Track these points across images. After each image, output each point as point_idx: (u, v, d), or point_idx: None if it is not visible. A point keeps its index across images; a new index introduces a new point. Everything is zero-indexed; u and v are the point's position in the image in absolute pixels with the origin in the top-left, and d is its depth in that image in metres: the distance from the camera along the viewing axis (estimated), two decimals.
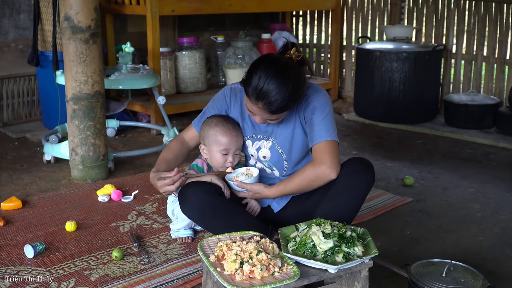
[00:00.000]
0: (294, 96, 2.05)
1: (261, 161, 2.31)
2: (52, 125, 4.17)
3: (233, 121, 2.31)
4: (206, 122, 2.33)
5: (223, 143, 2.26)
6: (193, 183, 2.17)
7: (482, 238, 2.63)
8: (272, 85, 1.98)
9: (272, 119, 2.11)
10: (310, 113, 2.16)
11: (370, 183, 2.13)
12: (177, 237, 2.52)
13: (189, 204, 2.12)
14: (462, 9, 4.89)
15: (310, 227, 1.85)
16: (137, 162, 3.67)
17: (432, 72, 4.76)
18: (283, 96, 2.00)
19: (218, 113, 2.32)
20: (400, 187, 3.27)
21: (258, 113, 2.08)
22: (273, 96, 1.99)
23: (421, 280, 1.95)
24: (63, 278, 2.18)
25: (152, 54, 4.35)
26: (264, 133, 2.28)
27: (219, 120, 2.29)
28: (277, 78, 1.99)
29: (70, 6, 3.07)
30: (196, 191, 2.11)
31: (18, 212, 2.81)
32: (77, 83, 3.15)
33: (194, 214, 2.16)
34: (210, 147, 2.30)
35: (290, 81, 2.01)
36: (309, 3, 5.50)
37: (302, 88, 2.08)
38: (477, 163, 3.77)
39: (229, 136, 2.26)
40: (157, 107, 4.31)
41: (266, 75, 1.99)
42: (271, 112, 2.05)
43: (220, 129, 2.27)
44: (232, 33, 5.63)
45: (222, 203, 2.13)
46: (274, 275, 1.69)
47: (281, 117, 2.14)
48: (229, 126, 2.28)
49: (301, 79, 2.07)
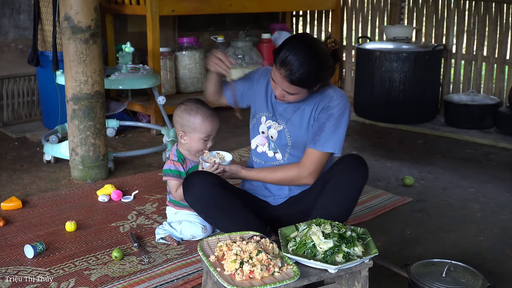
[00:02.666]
0: (316, 75, 2.10)
1: (269, 139, 2.35)
2: (52, 125, 4.16)
3: (207, 105, 2.42)
4: (184, 109, 2.39)
5: (206, 131, 2.34)
6: (199, 173, 2.22)
7: (482, 238, 2.63)
8: (299, 56, 2.05)
9: (290, 93, 2.14)
10: (325, 116, 2.21)
11: (364, 178, 2.17)
12: (166, 235, 2.48)
13: (193, 193, 2.18)
14: (462, 9, 4.89)
15: (310, 227, 1.85)
16: (137, 162, 3.67)
17: (432, 72, 4.76)
18: (306, 69, 2.06)
19: (244, 80, 2.42)
20: (400, 187, 3.27)
21: (279, 82, 2.12)
22: (296, 66, 2.05)
23: (421, 280, 1.95)
24: (63, 278, 2.18)
25: (152, 54, 4.35)
26: (280, 116, 2.31)
27: (197, 107, 2.36)
28: (305, 51, 2.07)
29: (70, 6, 3.07)
30: (200, 181, 2.16)
31: (18, 212, 2.81)
32: (77, 83, 3.15)
33: (197, 203, 2.22)
34: (191, 135, 2.36)
35: (316, 59, 2.08)
36: (309, 3, 5.49)
37: (326, 72, 2.14)
38: (477, 163, 3.77)
39: (211, 123, 2.34)
40: (157, 107, 4.31)
41: (296, 46, 2.08)
42: (291, 82, 2.08)
43: (201, 117, 2.34)
44: (232, 33, 5.62)
45: (225, 197, 2.18)
46: (274, 275, 1.69)
47: (298, 98, 2.18)
48: (209, 112, 2.36)
49: (328, 63, 2.13)
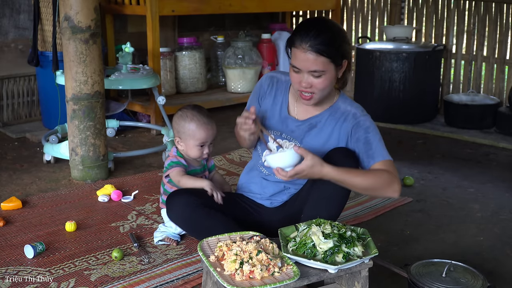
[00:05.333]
0: (340, 43, 2.01)
1: None
2: (52, 125, 4.16)
3: (205, 111, 2.38)
4: (180, 115, 2.37)
5: (200, 138, 2.33)
6: (180, 192, 2.20)
7: (482, 238, 2.63)
8: (317, 25, 2.00)
9: (318, 70, 1.98)
10: (363, 131, 2.09)
11: None
12: (163, 237, 2.48)
13: (173, 214, 2.19)
14: (462, 9, 4.89)
15: (310, 227, 1.85)
16: (137, 162, 3.67)
17: (432, 72, 4.77)
18: (328, 34, 1.98)
19: (257, 102, 2.27)
20: None
21: (303, 60, 1.98)
22: (316, 32, 1.97)
23: (421, 280, 1.95)
24: (63, 278, 2.18)
25: (152, 54, 4.35)
26: (290, 133, 2.20)
27: (193, 114, 2.34)
28: (321, 22, 2.03)
29: (70, 6, 3.08)
30: (181, 203, 2.14)
31: (18, 212, 2.81)
32: (77, 83, 3.15)
33: (179, 223, 2.25)
34: (187, 141, 2.36)
35: (334, 27, 2.03)
36: (309, 3, 5.50)
37: (347, 45, 2.06)
38: (477, 163, 3.77)
39: (205, 130, 2.33)
40: (157, 107, 4.31)
41: (310, 21, 2.06)
42: (317, 51, 1.95)
43: (196, 124, 2.32)
44: (232, 33, 5.63)
45: (206, 217, 2.11)
46: (274, 275, 1.69)
47: (325, 83, 2.02)
48: (204, 120, 2.34)
49: (347, 37, 2.08)
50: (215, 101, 4.89)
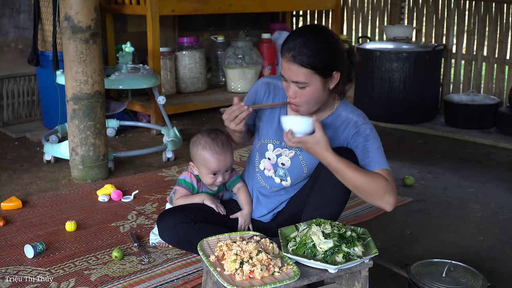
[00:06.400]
0: (325, 57, 1.93)
1: (277, 166, 2.19)
2: (52, 125, 4.16)
3: (222, 139, 2.24)
4: (194, 141, 2.27)
5: (211, 168, 2.21)
6: (171, 212, 2.19)
7: (482, 238, 2.63)
8: (303, 36, 1.93)
9: (300, 82, 1.93)
10: (362, 139, 2.05)
11: None
12: (157, 241, 2.46)
13: (164, 234, 2.19)
14: (462, 9, 4.89)
15: (310, 227, 1.85)
16: (137, 162, 3.67)
17: (432, 72, 4.76)
18: (315, 46, 1.91)
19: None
20: (400, 187, 3.27)
21: (287, 70, 1.94)
22: (300, 42, 1.90)
23: (421, 280, 1.95)
24: (63, 278, 2.18)
25: (152, 54, 4.35)
26: None
27: (206, 142, 2.22)
28: (309, 31, 1.97)
29: (70, 6, 3.08)
30: (171, 224, 2.14)
31: (18, 212, 2.81)
32: (77, 83, 3.15)
33: (170, 242, 2.27)
34: (199, 168, 2.26)
35: (323, 36, 1.95)
36: (309, 3, 5.50)
37: (337, 55, 1.97)
38: (477, 163, 3.77)
39: (217, 161, 2.20)
40: (157, 107, 4.31)
41: (301, 29, 2.02)
42: (299, 63, 1.90)
43: (208, 153, 2.20)
44: (232, 33, 5.63)
45: (196, 235, 2.04)
46: (274, 275, 1.69)
47: (311, 94, 1.96)
48: (217, 149, 2.20)
49: (339, 46, 1.99)
50: (215, 101, 4.89)
